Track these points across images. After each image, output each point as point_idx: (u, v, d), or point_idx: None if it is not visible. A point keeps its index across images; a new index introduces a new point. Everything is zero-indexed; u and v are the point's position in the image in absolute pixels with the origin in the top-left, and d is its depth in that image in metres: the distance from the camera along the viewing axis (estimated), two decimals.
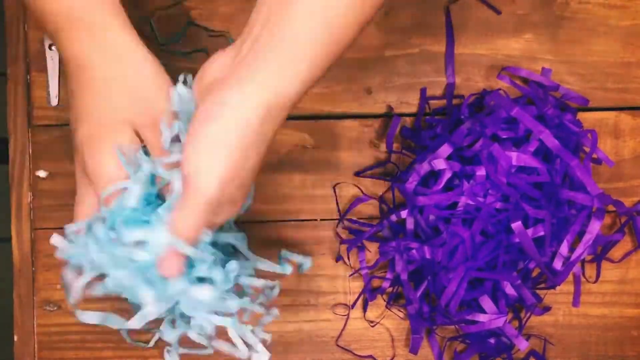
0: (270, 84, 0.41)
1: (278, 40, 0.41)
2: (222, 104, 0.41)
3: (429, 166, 0.56)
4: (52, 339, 0.61)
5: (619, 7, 0.62)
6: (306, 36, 0.41)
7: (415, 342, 0.61)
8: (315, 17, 0.41)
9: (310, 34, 0.41)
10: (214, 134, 0.41)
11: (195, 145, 0.41)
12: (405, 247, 0.57)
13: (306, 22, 0.41)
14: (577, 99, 0.61)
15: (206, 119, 0.41)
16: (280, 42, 0.41)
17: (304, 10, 0.41)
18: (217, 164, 0.41)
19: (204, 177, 0.41)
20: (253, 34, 0.42)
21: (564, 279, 0.57)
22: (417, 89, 0.62)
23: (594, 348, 0.63)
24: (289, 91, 0.41)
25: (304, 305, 0.62)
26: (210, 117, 0.41)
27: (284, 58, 0.41)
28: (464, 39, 0.62)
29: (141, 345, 0.60)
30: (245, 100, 0.41)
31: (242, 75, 0.41)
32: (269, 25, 0.41)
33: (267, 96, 0.41)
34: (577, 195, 0.56)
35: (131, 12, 0.61)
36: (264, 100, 0.41)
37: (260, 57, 0.41)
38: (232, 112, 0.41)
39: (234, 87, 0.41)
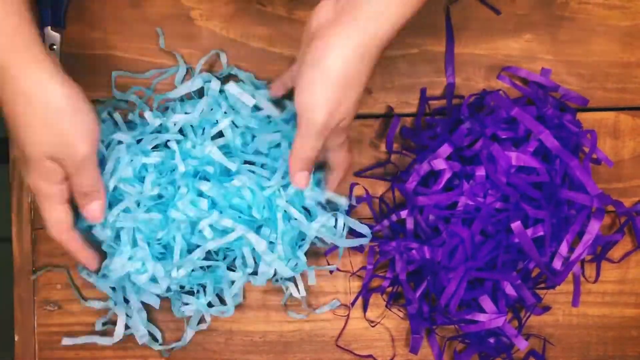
0: (367, 27, 0.47)
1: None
2: (326, 48, 0.47)
3: (429, 166, 0.56)
4: (52, 339, 0.61)
5: (619, 7, 0.62)
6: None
7: (415, 342, 0.61)
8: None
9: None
10: (321, 74, 0.47)
11: (305, 86, 0.48)
12: (405, 247, 0.57)
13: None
14: (577, 99, 0.61)
15: (312, 61, 0.47)
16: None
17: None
18: (324, 100, 0.48)
19: (314, 111, 0.48)
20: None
21: (563, 279, 0.57)
22: (417, 89, 0.62)
23: (593, 348, 0.63)
24: (383, 32, 0.47)
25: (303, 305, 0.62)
26: (316, 60, 0.47)
27: (377, 4, 0.46)
28: (464, 39, 0.62)
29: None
30: (346, 43, 0.47)
31: (343, 21, 0.47)
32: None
33: (365, 38, 0.47)
34: (577, 196, 0.56)
35: (131, 12, 0.61)
36: (362, 41, 0.47)
37: (356, 4, 0.47)
38: (335, 54, 0.47)
39: (336, 31, 0.47)
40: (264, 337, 0.62)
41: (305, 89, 0.48)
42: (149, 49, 0.61)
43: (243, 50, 0.61)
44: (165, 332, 0.62)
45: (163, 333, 0.61)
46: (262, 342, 0.62)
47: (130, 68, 0.61)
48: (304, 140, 0.50)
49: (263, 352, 0.62)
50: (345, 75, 0.47)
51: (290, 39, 0.61)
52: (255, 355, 0.62)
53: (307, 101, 0.48)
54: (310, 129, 0.49)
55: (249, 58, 0.61)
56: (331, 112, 0.48)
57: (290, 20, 0.61)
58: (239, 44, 0.61)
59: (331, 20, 0.47)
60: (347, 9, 0.47)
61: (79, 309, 0.61)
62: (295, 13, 0.61)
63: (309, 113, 0.48)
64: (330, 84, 0.47)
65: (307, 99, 0.48)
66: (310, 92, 0.48)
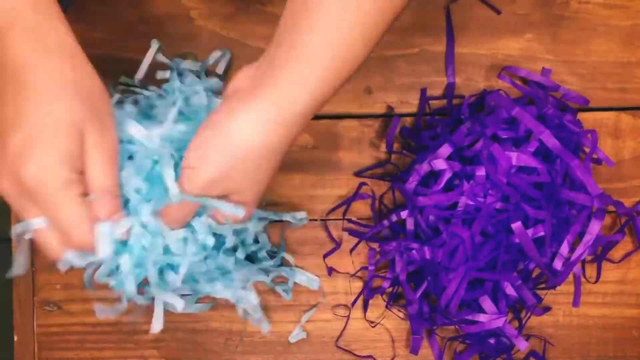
0: (281, 102, 0.43)
1: (288, 59, 0.43)
2: (231, 114, 0.44)
3: (429, 166, 0.56)
4: (52, 339, 0.61)
5: (619, 7, 0.62)
6: (315, 55, 0.43)
7: (415, 342, 0.60)
8: (324, 38, 0.43)
9: (318, 53, 0.43)
10: (219, 138, 0.44)
11: (199, 143, 0.44)
12: (406, 248, 0.57)
13: (315, 42, 0.43)
14: (577, 99, 0.61)
15: (214, 123, 0.44)
16: (290, 60, 0.43)
17: (312, 30, 0.43)
18: (213, 164, 0.44)
19: (197, 175, 0.44)
20: (270, 51, 0.45)
21: (564, 279, 0.57)
22: (417, 89, 0.62)
23: (594, 348, 0.63)
24: (300, 107, 0.44)
25: (304, 305, 0.62)
26: (218, 123, 0.44)
27: (293, 75, 0.43)
28: (464, 39, 0.62)
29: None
30: (255, 115, 0.43)
31: (257, 92, 0.44)
32: (282, 44, 0.44)
33: (278, 113, 0.43)
34: (578, 196, 0.56)
35: (131, 12, 0.61)
36: (273, 116, 0.43)
37: (271, 74, 0.43)
38: (240, 124, 0.44)
39: (247, 101, 0.44)
40: (264, 337, 0.62)
41: (197, 147, 0.45)
42: (149, 49, 0.61)
43: (243, 50, 0.61)
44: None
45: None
46: (262, 342, 0.62)
47: (131, 68, 0.61)
48: (176, 196, 0.46)
49: (263, 352, 0.62)
50: (246, 147, 0.44)
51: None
52: (255, 355, 0.62)
53: (194, 159, 0.45)
54: (187, 186, 0.45)
55: (249, 58, 0.61)
56: (216, 178, 0.44)
57: None
58: (239, 44, 0.61)
59: (247, 88, 0.44)
60: (263, 80, 0.44)
61: (78, 309, 0.61)
62: None
63: (191, 172, 0.45)
64: (225, 149, 0.44)
65: (195, 157, 0.45)
66: (201, 152, 0.44)
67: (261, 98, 0.43)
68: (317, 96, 0.44)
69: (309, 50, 0.43)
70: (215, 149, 0.44)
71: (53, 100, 0.43)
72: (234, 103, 0.44)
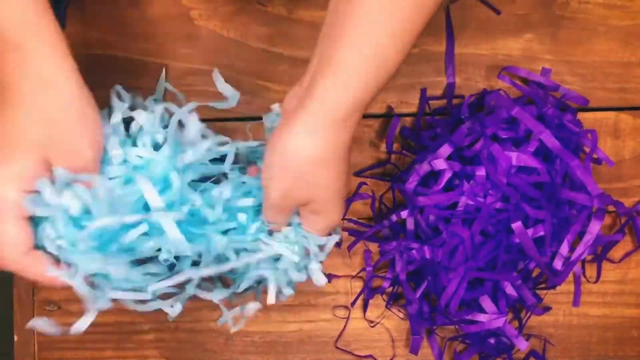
0: (318, 111, 0.46)
1: (326, 73, 0.46)
2: (284, 132, 0.47)
3: (429, 166, 0.56)
4: (52, 339, 0.61)
5: (619, 7, 0.62)
6: (352, 65, 0.45)
7: (415, 342, 0.60)
8: (360, 49, 0.45)
9: (355, 63, 0.45)
10: (278, 158, 0.48)
11: (266, 166, 0.50)
12: (406, 247, 0.57)
13: (352, 53, 0.45)
14: (577, 99, 0.61)
15: (274, 145, 0.48)
16: (328, 73, 0.46)
17: (349, 43, 0.45)
18: (278, 183, 0.49)
19: (269, 189, 0.50)
20: (311, 68, 0.47)
21: (564, 279, 0.57)
22: (417, 89, 0.62)
23: (594, 348, 0.63)
24: (336, 114, 0.46)
25: (304, 305, 0.62)
26: (275, 144, 0.48)
27: (333, 85, 0.46)
28: (464, 39, 0.62)
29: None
30: (302, 128, 0.47)
31: (298, 107, 0.47)
32: (321, 59, 0.46)
33: (317, 122, 0.47)
34: (578, 196, 0.56)
35: (131, 12, 0.61)
36: (319, 126, 0.47)
37: (312, 88, 0.46)
38: (290, 139, 0.47)
39: (291, 118, 0.47)
40: (264, 337, 0.62)
41: (266, 168, 0.50)
42: (149, 49, 0.61)
43: (243, 50, 0.61)
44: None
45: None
46: (262, 343, 0.62)
47: (130, 68, 0.61)
48: (266, 210, 0.52)
49: (263, 352, 0.62)
50: (299, 160, 0.47)
51: (290, 39, 0.61)
52: (255, 355, 0.62)
53: (266, 179, 0.50)
54: (268, 202, 0.51)
55: (249, 58, 0.61)
56: (284, 193, 0.49)
57: (290, 20, 0.61)
58: (239, 44, 0.61)
59: (296, 106, 0.48)
60: (306, 95, 0.47)
61: (78, 309, 0.61)
62: (295, 13, 0.61)
63: (267, 188, 0.50)
64: (284, 167, 0.48)
65: (266, 176, 0.50)
66: (268, 172, 0.49)
67: (304, 111, 0.47)
68: (357, 103, 0.46)
69: (344, 62, 0.45)
70: (277, 168, 0.48)
71: (25, 124, 0.45)
72: (285, 121, 0.48)
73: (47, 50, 0.45)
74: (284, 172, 0.48)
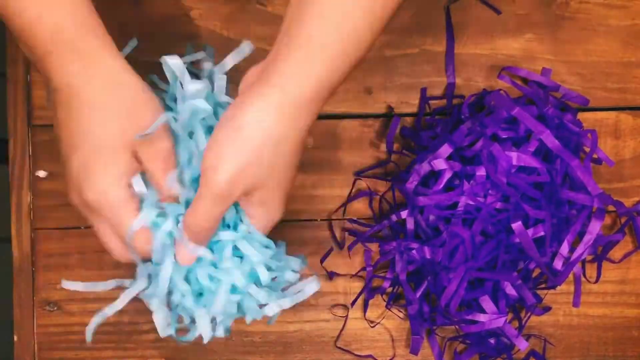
0: (283, 86, 0.43)
1: (292, 47, 0.43)
2: (241, 106, 0.44)
3: (429, 166, 0.56)
4: (52, 339, 0.61)
5: (619, 7, 0.62)
6: (319, 38, 0.43)
7: (415, 342, 0.60)
8: (328, 21, 0.43)
9: (323, 36, 0.43)
10: (232, 133, 0.43)
11: (213, 144, 0.44)
12: (406, 247, 0.57)
13: (319, 25, 0.43)
14: (577, 99, 0.61)
15: (225, 119, 0.44)
16: (294, 48, 0.43)
17: (316, 14, 0.43)
18: (230, 160, 0.43)
19: (217, 170, 0.44)
20: (277, 41, 0.45)
21: (564, 279, 0.57)
22: (417, 89, 0.62)
23: (594, 348, 0.63)
24: (303, 92, 0.43)
25: (304, 305, 0.62)
26: (229, 118, 0.44)
27: (298, 60, 0.43)
28: (464, 39, 0.62)
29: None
30: (263, 103, 0.43)
31: (260, 82, 0.44)
32: (287, 34, 0.44)
33: (285, 98, 0.43)
34: (578, 196, 0.56)
35: (131, 12, 0.61)
36: (281, 101, 0.43)
37: (277, 63, 0.44)
38: (250, 113, 0.43)
39: (253, 91, 0.44)
40: (264, 337, 0.62)
41: (213, 147, 0.44)
42: (148, 49, 0.61)
43: None
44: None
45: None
46: (262, 343, 0.62)
47: None
48: (199, 204, 0.45)
49: (263, 352, 0.62)
50: (259, 137, 0.43)
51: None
52: (255, 355, 0.62)
53: (211, 159, 0.44)
54: (209, 190, 0.44)
55: (249, 58, 0.61)
56: (236, 174, 0.43)
57: None
58: (239, 44, 0.61)
59: (255, 82, 0.45)
60: (269, 70, 0.44)
61: (78, 309, 0.61)
62: None
63: (211, 171, 0.44)
64: (240, 142, 0.43)
65: (212, 156, 0.44)
66: (217, 151, 0.44)
67: (267, 86, 0.43)
68: (324, 81, 0.44)
69: (313, 36, 0.43)
70: (229, 145, 0.43)
71: (105, 122, 0.45)
72: (243, 97, 0.44)
73: (108, 47, 0.46)
74: (239, 149, 0.43)
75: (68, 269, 0.61)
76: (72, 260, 0.61)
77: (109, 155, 0.45)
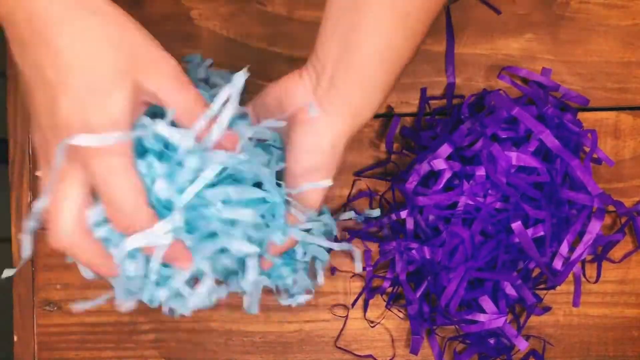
0: (353, 115, 0.48)
1: (353, 80, 0.47)
2: (315, 135, 0.48)
3: (429, 166, 0.56)
4: (52, 339, 0.61)
5: (619, 7, 0.62)
6: (376, 70, 0.47)
7: (415, 342, 0.60)
8: (381, 53, 0.46)
9: (379, 68, 0.47)
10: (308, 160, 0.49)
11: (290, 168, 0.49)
12: (405, 247, 0.57)
13: (374, 57, 0.46)
14: (577, 99, 0.61)
15: (301, 146, 0.49)
16: (356, 81, 0.47)
17: (370, 50, 0.46)
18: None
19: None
20: (327, 71, 0.47)
21: (564, 279, 0.57)
22: (417, 89, 0.62)
23: (594, 348, 0.63)
24: (366, 117, 0.49)
25: (304, 305, 0.62)
26: (304, 145, 0.49)
27: (361, 93, 0.47)
28: (464, 39, 0.62)
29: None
30: (334, 132, 0.48)
31: (329, 110, 0.48)
32: (341, 65, 0.46)
33: (350, 127, 0.48)
34: (578, 195, 0.56)
35: (131, 12, 0.61)
36: (347, 129, 0.48)
37: (340, 94, 0.47)
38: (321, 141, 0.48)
39: (324, 120, 0.48)
40: (264, 337, 0.62)
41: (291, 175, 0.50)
42: None
43: (243, 50, 0.61)
44: None
45: None
46: (262, 343, 0.62)
47: None
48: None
49: (263, 352, 0.62)
50: (325, 161, 0.49)
51: (290, 39, 0.61)
52: (255, 355, 0.62)
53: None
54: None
55: (249, 58, 0.61)
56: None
57: (290, 20, 0.61)
58: (239, 44, 0.61)
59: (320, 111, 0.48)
60: (329, 98, 0.47)
61: None
62: (295, 13, 0.61)
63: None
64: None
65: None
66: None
67: (337, 116, 0.48)
68: (380, 102, 0.48)
69: (366, 67, 0.46)
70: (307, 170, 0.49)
71: (95, 57, 0.39)
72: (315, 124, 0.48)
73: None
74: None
75: (68, 269, 0.61)
76: (72, 260, 0.61)
77: (102, 93, 0.38)
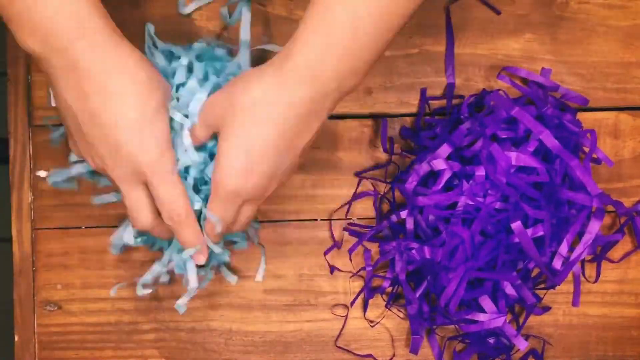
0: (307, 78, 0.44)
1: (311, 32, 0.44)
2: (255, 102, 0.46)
3: (429, 166, 0.56)
4: (52, 339, 0.61)
5: (619, 7, 0.62)
6: (338, 26, 0.43)
7: (415, 342, 0.61)
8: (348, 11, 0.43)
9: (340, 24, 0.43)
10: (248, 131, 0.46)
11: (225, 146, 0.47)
12: (405, 247, 0.57)
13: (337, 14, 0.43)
14: (577, 99, 0.61)
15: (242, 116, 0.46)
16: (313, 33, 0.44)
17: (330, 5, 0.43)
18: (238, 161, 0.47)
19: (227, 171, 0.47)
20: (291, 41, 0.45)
21: (563, 279, 0.57)
22: (417, 89, 0.62)
23: (593, 348, 0.63)
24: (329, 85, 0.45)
25: (304, 305, 0.62)
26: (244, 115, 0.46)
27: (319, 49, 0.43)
28: (464, 39, 0.62)
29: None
30: (281, 95, 0.45)
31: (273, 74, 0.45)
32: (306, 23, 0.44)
33: (306, 91, 0.44)
34: (577, 195, 0.56)
35: (131, 12, 0.61)
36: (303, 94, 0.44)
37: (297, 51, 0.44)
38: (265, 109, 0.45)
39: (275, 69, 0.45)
40: (264, 337, 0.62)
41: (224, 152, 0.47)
42: None
43: None
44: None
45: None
46: (262, 342, 0.62)
47: None
48: (214, 204, 0.49)
49: (263, 352, 0.62)
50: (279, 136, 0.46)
51: (290, 39, 0.61)
52: (255, 355, 0.62)
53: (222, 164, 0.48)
54: (220, 192, 0.49)
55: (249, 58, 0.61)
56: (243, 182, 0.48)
57: (290, 20, 0.61)
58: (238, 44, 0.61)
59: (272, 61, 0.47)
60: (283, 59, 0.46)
61: (78, 309, 0.62)
62: (295, 13, 0.61)
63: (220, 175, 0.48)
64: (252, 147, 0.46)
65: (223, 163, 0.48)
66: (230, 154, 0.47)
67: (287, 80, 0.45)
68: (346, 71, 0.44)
69: (331, 21, 0.43)
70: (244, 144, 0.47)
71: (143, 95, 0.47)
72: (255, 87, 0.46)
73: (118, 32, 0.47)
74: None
75: (68, 269, 0.61)
76: (73, 260, 0.61)
77: (155, 113, 0.47)
